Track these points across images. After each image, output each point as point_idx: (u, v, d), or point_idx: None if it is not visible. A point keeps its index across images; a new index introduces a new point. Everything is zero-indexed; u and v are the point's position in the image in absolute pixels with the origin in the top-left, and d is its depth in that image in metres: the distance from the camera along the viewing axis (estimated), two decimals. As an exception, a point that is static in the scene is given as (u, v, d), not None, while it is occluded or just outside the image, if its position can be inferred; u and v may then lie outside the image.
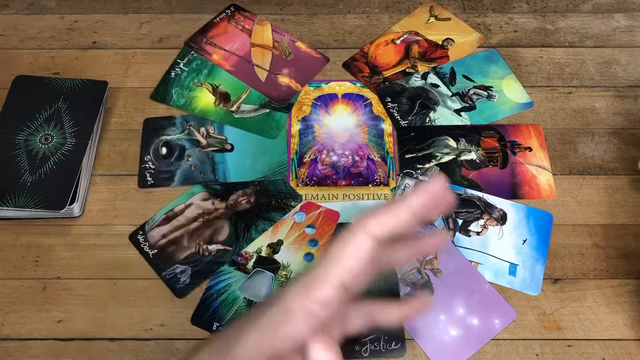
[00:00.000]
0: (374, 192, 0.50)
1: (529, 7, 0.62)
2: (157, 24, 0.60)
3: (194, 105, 0.54)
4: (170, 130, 0.53)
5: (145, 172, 0.51)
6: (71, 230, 0.48)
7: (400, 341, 0.43)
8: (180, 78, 0.56)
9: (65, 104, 0.51)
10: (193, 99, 0.55)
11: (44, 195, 0.46)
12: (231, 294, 0.45)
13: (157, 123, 0.53)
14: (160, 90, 0.55)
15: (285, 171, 0.51)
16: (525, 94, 0.55)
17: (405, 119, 0.53)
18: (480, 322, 0.44)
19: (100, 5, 0.61)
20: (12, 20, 0.60)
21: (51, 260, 0.47)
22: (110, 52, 0.58)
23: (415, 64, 0.57)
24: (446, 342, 0.43)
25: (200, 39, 0.58)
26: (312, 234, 0.47)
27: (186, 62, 0.57)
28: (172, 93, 0.55)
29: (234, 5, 0.61)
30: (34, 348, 0.43)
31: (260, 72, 0.56)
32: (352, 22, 0.60)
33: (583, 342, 0.44)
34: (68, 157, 0.48)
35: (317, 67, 0.57)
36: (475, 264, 0.46)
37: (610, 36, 0.59)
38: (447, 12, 0.61)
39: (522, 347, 0.43)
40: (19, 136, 0.49)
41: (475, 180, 0.50)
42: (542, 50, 0.58)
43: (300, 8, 0.61)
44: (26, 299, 0.45)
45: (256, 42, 0.58)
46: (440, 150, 0.52)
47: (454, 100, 0.55)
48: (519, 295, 0.45)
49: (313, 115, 0.54)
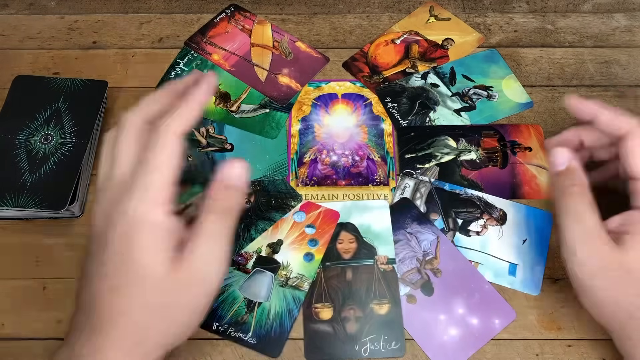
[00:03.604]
0: (374, 192, 0.50)
1: (529, 7, 0.62)
2: (157, 24, 0.60)
3: (194, 105, 0.54)
4: (170, 130, 0.53)
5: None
6: (71, 230, 0.48)
7: (400, 341, 0.43)
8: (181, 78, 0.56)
9: (65, 104, 0.51)
10: (193, 99, 0.55)
11: (44, 195, 0.46)
12: (231, 293, 0.45)
13: (157, 123, 0.53)
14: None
15: (285, 171, 0.51)
16: (525, 93, 0.55)
17: (405, 119, 0.53)
18: (480, 322, 0.44)
19: (100, 5, 0.61)
20: (12, 20, 0.60)
21: (51, 260, 0.47)
22: (110, 52, 0.58)
23: (415, 64, 0.57)
24: (446, 342, 0.43)
25: (200, 39, 0.58)
26: (312, 234, 0.47)
27: (186, 62, 0.57)
28: None
29: (234, 5, 0.61)
30: (34, 348, 0.43)
31: (260, 72, 0.56)
32: (352, 22, 0.60)
33: (583, 342, 0.44)
34: (68, 157, 0.48)
35: (317, 67, 0.57)
36: (475, 264, 0.46)
37: (610, 36, 0.59)
38: (447, 12, 0.61)
39: (522, 347, 0.43)
40: (19, 136, 0.49)
41: (475, 180, 0.50)
42: (542, 50, 0.58)
43: (300, 8, 0.61)
44: (26, 299, 0.45)
45: (256, 41, 0.58)
46: (440, 150, 0.52)
47: (454, 100, 0.55)
48: (519, 295, 0.45)
49: (313, 115, 0.54)
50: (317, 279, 0.46)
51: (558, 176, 0.39)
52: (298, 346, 0.43)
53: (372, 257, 0.46)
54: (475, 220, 0.48)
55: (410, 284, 0.45)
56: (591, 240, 0.36)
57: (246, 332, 0.43)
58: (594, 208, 0.37)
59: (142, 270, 0.31)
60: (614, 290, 0.36)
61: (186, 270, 0.32)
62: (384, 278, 0.45)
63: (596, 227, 0.36)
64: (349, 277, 0.46)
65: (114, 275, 0.32)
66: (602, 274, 0.36)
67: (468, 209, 0.48)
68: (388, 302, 0.44)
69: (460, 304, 0.45)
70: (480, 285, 0.45)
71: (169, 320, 0.33)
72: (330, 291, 0.45)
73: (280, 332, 0.43)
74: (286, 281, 0.45)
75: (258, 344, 0.43)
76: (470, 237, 0.47)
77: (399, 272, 0.46)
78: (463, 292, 0.45)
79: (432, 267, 0.46)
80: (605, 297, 0.36)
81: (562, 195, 0.38)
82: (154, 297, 0.32)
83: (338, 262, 0.46)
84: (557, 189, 0.38)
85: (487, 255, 0.47)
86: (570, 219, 0.37)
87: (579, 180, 0.38)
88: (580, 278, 0.36)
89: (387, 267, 0.46)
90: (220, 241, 0.33)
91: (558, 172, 0.39)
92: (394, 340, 0.43)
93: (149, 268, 0.31)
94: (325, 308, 0.44)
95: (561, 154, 0.39)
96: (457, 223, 0.48)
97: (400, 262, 0.46)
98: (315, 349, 0.43)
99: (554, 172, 0.39)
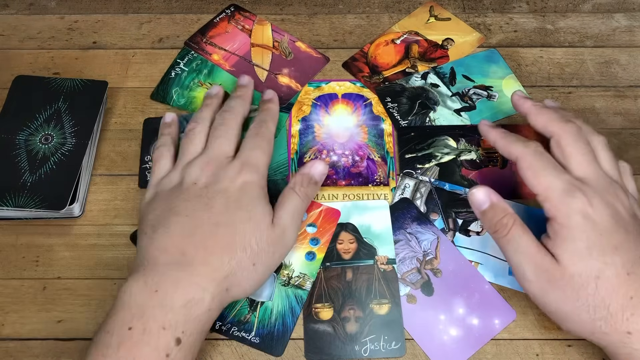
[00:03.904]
0: (374, 192, 0.50)
1: (529, 7, 0.62)
2: (157, 24, 0.60)
3: (194, 105, 0.54)
4: (170, 130, 0.53)
5: (146, 172, 0.51)
6: (71, 230, 0.48)
7: (400, 341, 0.43)
8: (181, 78, 0.56)
9: (65, 104, 0.51)
10: (193, 99, 0.55)
11: (44, 195, 0.46)
12: (231, 294, 0.45)
13: (157, 123, 0.53)
14: (161, 90, 0.55)
15: (285, 171, 0.51)
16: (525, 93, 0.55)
17: (405, 119, 0.54)
18: (480, 322, 0.44)
19: (100, 5, 0.61)
20: (12, 20, 0.60)
21: (51, 260, 0.47)
22: (110, 52, 0.58)
23: (415, 64, 0.57)
24: (446, 342, 0.43)
25: (200, 39, 0.58)
26: (313, 233, 0.47)
27: (186, 62, 0.57)
28: (172, 93, 0.55)
29: (234, 5, 0.61)
30: (34, 348, 0.43)
31: (260, 72, 0.56)
32: (352, 22, 0.60)
33: (583, 342, 0.44)
34: (68, 157, 0.48)
35: (317, 67, 0.57)
36: (475, 264, 0.46)
37: (610, 36, 0.59)
38: (447, 12, 0.61)
39: (522, 347, 0.43)
40: (19, 136, 0.49)
41: (475, 180, 0.50)
42: (542, 50, 0.58)
43: (300, 8, 0.61)
44: (26, 299, 0.45)
45: (256, 42, 0.58)
46: (440, 150, 0.52)
47: (454, 100, 0.55)
48: (519, 295, 0.45)
49: (313, 115, 0.54)
50: (317, 279, 0.46)
51: (484, 215, 0.40)
52: (298, 346, 0.43)
53: (372, 257, 0.46)
54: (475, 220, 0.48)
55: (410, 284, 0.45)
56: (534, 260, 0.38)
57: (249, 332, 0.43)
58: (526, 230, 0.39)
59: (258, 216, 0.40)
60: (569, 299, 0.37)
61: (278, 227, 0.41)
62: (384, 278, 0.45)
63: (534, 247, 0.38)
64: (349, 277, 0.46)
65: (223, 213, 0.40)
66: (552, 285, 0.37)
67: (468, 209, 0.48)
68: (388, 302, 0.44)
69: (460, 304, 0.45)
70: (480, 285, 0.45)
71: (255, 266, 0.40)
72: (330, 291, 0.45)
73: (283, 331, 0.43)
74: (288, 280, 0.45)
75: (261, 343, 0.43)
76: (470, 237, 0.47)
77: (399, 272, 0.46)
78: (463, 292, 0.45)
79: (432, 267, 0.46)
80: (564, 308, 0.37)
81: (495, 231, 0.40)
82: (260, 241, 0.40)
83: (338, 263, 0.46)
84: (488, 226, 0.40)
85: (487, 255, 0.47)
86: (511, 250, 0.39)
87: (504, 212, 0.40)
88: (537, 295, 0.38)
89: (387, 267, 0.46)
90: (299, 218, 0.43)
91: (482, 211, 0.40)
92: (394, 341, 0.43)
93: (263, 215, 0.41)
94: (325, 308, 0.44)
95: (480, 194, 0.41)
96: (457, 223, 0.48)
97: (400, 262, 0.46)
98: (315, 349, 0.43)
99: (479, 212, 0.41)
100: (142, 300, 0.36)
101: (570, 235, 0.37)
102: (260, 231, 0.40)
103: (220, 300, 0.38)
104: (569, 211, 0.37)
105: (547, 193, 0.39)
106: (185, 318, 0.36)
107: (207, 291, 0.37)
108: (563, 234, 0.37)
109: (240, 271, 0.39)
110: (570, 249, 0.37)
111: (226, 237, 0.39)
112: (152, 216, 0.41)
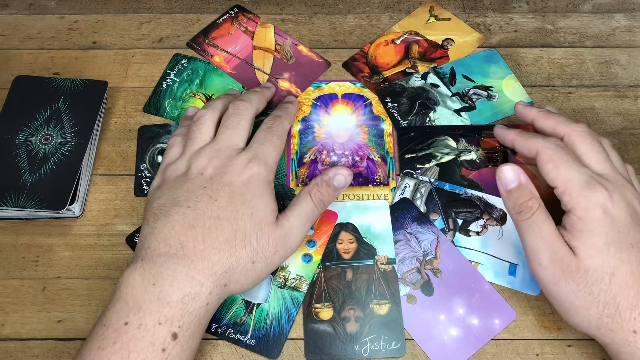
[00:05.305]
0: (374, 192, 0.50)
1: (529, 7, 0.62)
2: (157, 24, 0.60)
3: (187, 116, 0.54)
4: (166, 138, 0.52)
5: (141, 180, 0.50)
6: (71, 230, 0.48)
7: (400, 341, 0.43)
8: (172, 89, 0.55)
9: (65, 104, 0.51)
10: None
11: (44, 195, 0.46)
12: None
13: (152, 131, 0.53)
14: (153, 102, 0.54)
15: (283, 177, 0.50)
16: (525, 94, 0.55)
17: (405, 119, 0.54)
18: (480, 322, 0.44)
19: (100, 5, 0.61)
20: (12, 20, 0.60)
21: (51, 260, 0.47)
22: (110, 52, 0.58)
23: (415, 64, 0.57)
24: (446, 342, 0.43)
25: (202, 40, 0.58)
26: (310, 235, 0.47)
27: (177, 73, 0.56)
28: (165, 105, 0.54)
29: (238, 6, 0.61)
30: (34, 348, 0.43)
31: (261, 76, 0.56)
32: (352, 22, 0.60)
33: (583, 342, 0.44)
34: (68, 157, 0.48)
35: (318, 71, 0.57)
36: (475, 264, 0.46)
37: (610, 36, 0.59)
38: (447, 12, 0.61)
39: (522, 347, 0.43)
40: (19, 136, 0.49)
41: (475, 180, 0.50)
42: (542, 50, 0.58)
43: (300, 8, 0.61)
44: (26, 299, 0.45)
45: (258, 44, 0.58)
46: (440, 150, 0.52)
47: (454, 100, 0.55)
48: (519, 295, 0.45)
49: (313, 115, 0.54)
50: (317, 279, 0.46)
51: (510, 194, 0.40)
52: (298, 346, 0.43)
53: (372, 257, 0.46)
54: (475, 220, 0.48)
55: (410, 284, 0.45)
56: (551, 248, 0.38)
57: (245, 334, 0.43)
58: (549, 217, 0.39)
59: (260, 213, 0.40)
60: (581, 292, 0.37)
61: (282, 228, 0.40)
62: (384, 278, 0.45)
63: (554, 235, 0.38)
64: (349, 277, 0.46)
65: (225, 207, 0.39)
66: (565, 276, 0.37)
67: (468, 209, 0.48)
68: (388, 302, 0.44)
69: (460, 304, 0.45)
70: (480, 285, 0.45)
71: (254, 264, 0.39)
72: (330, 291, 0.45)
73: (279, 334, 0.43)
74: (285, 282, 0.45)
75: (257, 345, 0.43)
76: (470, 237, 0.47)
77: (399, 272, 0.46)
78: (463, 292, 0.45)
79: (432, 267, 0.46)
80: (574, 301, 0.37)
81: (518, 212, 0.39)
82: (260, 239, 0.39)
83: (338, 262, 0.46)
84: (512, 207, 0.40)
85: (487, 255, 0.47)
86: (531, 234, 0.39)
87: (530, 194, 0.39)
88: (548, 282, 0.38)
89: (387, 267, 0.46)
90: (308, 222, 0.42)
91: (509, 190, 0.40)
92: (394, 340, 0.43)
93: (266, 212, 0.40)
94: (325, 308, 0.44)
95: (510, 172, 0.40)
96: (457, 223, 0.48)
97: (400, 262, 0.46)
98: (315, 349, 0.43)
99: (505, 191, 0.40)
100: (139, 294, 0.36)
101: (589, 229, 0.37)
102: (261, 229, 0.40)
103: (218, 295, 0.38)
104: (588, 204, 0.37)
105: (566, 185, 0.39)
106: (181, 312, 0.36)
107: (204, 285, 0.37)
108: (581, 226, 0.37)
109: (239, 267, 0.38)
110: (589, 242, 0.37)
111: (226, 232, 0.39)
112: (156, 204, 0.40)
